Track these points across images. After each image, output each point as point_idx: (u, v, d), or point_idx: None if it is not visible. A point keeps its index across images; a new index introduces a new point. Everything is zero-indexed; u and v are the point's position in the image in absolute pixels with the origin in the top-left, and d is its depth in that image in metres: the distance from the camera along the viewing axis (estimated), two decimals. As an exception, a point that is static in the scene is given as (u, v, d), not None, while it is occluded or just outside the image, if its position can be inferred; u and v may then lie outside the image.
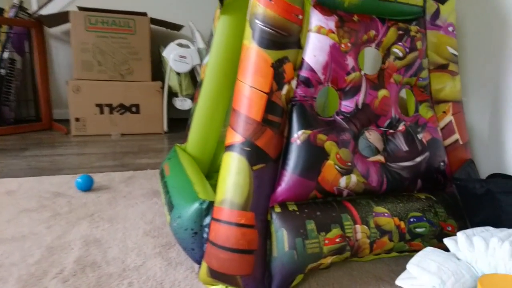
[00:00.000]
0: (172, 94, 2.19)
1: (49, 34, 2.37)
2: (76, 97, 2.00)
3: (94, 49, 2.06)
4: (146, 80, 2.14)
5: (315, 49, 0.73)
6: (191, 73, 2.18)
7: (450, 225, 0.77)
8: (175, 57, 2.08)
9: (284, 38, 0.71)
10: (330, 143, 0.72)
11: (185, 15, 2.44)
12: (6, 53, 2.09)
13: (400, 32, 0.82)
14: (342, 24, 0.75)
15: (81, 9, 2.05)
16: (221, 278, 0.67)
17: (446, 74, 0.88)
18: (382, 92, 0.79)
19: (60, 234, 0.92)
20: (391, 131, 0.80)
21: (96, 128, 2.04)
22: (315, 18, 0.74)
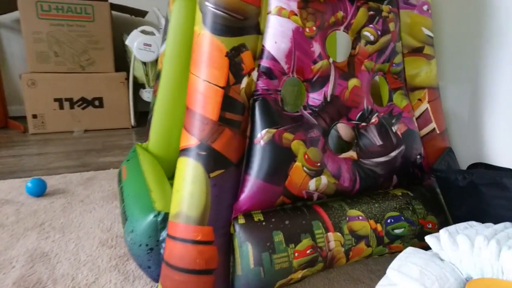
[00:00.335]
0: (139, 86, 2.06)
1: (-1, 23, 2.18)
2: (31, 91, 1.84)
3: (49, 39, 1.89)
4: (109, 71, 1.99)
5: (276, 35, 0.65)
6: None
7: (430, 222, 0.72)
8: (139, 46, 1.94)
9: (240, 22, 0.62)
10: (297, 143, 0.64)
11: (149, 0, 2.29)
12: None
13: (371, 12, 0.74)
14: (305, 4, 0.66)
15: (31, -5, 1.87)
16: (179, 301, 0.59)
17: (421, 58, 0.82)
18: (353, 82, 0.72)
19: (1, 249, 0.81)
20: (363, 124, 0.73)
21: (56, 125, 1.90)
22: (275, -1, 0.65)
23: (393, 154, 0.72)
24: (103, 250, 0.81)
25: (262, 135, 0.63)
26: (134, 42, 1.93)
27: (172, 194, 0.63)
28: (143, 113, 2.22)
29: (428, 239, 0.59)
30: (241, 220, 0.61)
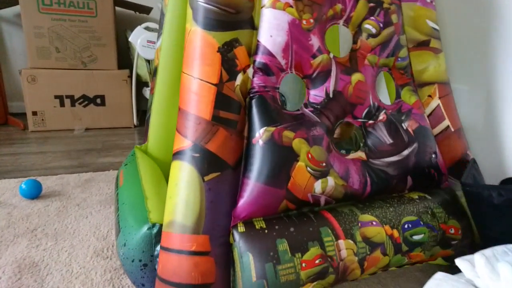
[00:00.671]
0: (142, 84, 2.02)
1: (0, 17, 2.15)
2: (32, 88, 1.82)
3: (50, 34, 1.86)
4: (111, 69, 1.95)
5: (271, 28, 0.60)
6: (160, 59, 2.01)
7: (453, 227, 0.66)
8: (143, 42, 1.89)
9: (232, 16, 0.58)
10: (299, 141, 0.59)
11: (153, -4, 2.24)
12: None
13: (371, 4, 0.69)
14: (303, -5, 0.61)
15: (31, -11, 1.84)
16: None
17: (428, 52, 0.76)
18: (356, 76, 0.67)
19: (-11, 258, 0.78)
20: (370, 122, 0.68)
21: (56, 122, 1.87)
22: (270, -10, 0.60)
23: (405, 152, 0.67)
24: (98, 261, 0.77)
25: (260, 134, 0.58)
26: (138, 39, 1.89)
27: (166, 201, 0.59)
28: (145, 112, 2.18)
29: (460, 263, 0.53)
30: (241, 228, 0.57)
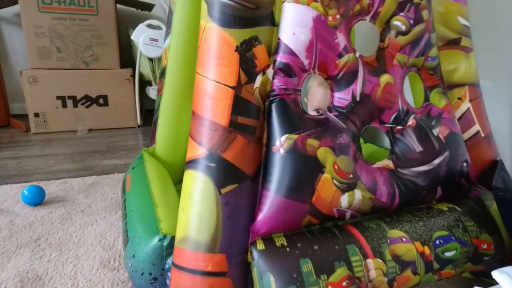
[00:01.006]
0: (145, 83, 1.97)
1: (0, 17, 2.11)
2: (33, 89, 1.77)
3: (51, 34, 1.81)
4: (114, 68, 1.91)
5: (294, 25, 0.55)
6: (164, 58, 1.96)
7: (485, 242, 0.61)
8: (146, 41, 1.84)
9: (251, 12, 0.53)
10: (324, 150, 0.54)
11: (155, -7, 2.19)
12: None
13: (402, -1, 0.63)
14: (330, -11, 0.56)
15: (31, -13, 1.79)
16: None
17: (459, 51, 0.71)
18: (385, 78, 0.61)
19: (-10, 272, 0.74)
20: (399, 127, 0.63)
21: (59, 124, 1.82)
22: (294, -17, 0.55)
23: (436, 161, 0.62)
24: (104, 273, 0.73)
25: (281, 142, 0.53)
26: (140, 37, 1.83)
27: (178, 214, 0.54)
28: (149, 112, 2.13)
29: (498, 276, 0.48)
30: (260, 246, 0.51)
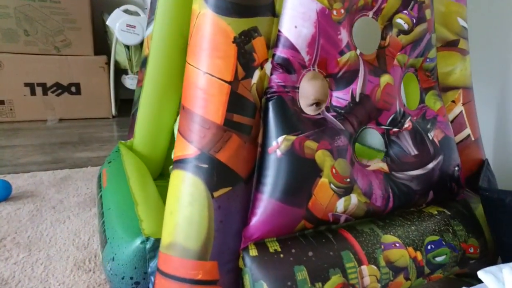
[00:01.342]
0: (121, 71, 1.88)
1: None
2: (-3, 74, 1.65)
3: (17, 15, 1.68)
4: (87, 54, 1.80)
5: (297, 17, 0.51)
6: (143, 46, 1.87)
7: (472, 246, 0.61)
8: (122, 27, 1.75)
9: (252, 0, 0.49)
10: (322, 153, 0.52)
11: (132, -24, 2.09)
12: None
13: (406, -4, 0.61)
14: (333, -18, 0.53)
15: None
16: None
17: (456, 53, 0.70)
18: (385, 78, 0.59)
19: (-50, 276, 0.67)
20: (395, 129, 0.61)
21: (26, 112, 1.71)
22: (297, -28, 0.51)
23: (430, 166, 0.61)
24: (79, 276, 0.67)
25: (278, 143, 0.50)
26: (116, 22, 1.74)
27: (164, 216, 0.50)
28: (124, 102, 2.04)
29: (484, 276, 0.48)
30: (253, 252, 0.48)
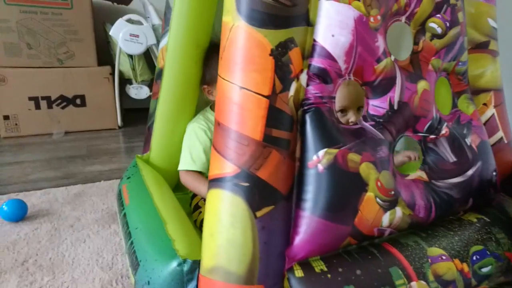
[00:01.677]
0: (125, 81, 1.86)
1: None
2: (1, 89, 1.62)
3: (19, 29, 1.66)
4: (91, 66, 1.78)
5: (333, 26, 0.49)
6: (146, 55, 1.85)
7: (516, 255, 0.59)
8: (125, 36, 1.73)
9: (287, 9, 0.47)
10: (366, 166, 0.50)
11: (133, -14, 2.07)
12: None
13: (438, -1, 0.60)
14: (369, -13, 0.51)
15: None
16: None
17: (487, 55, 0.69)
18: (422, 85, 0.57)
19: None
20: (432, 136, 0.59)
21: (32, 126, 1.68)
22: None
23: (470, 172, 0.59)
24: (107, 298, 0.65)
25: (319, 158, 0.48)
26: (119, 32, 1.72)
27: (202, 239, 0.48)
28: (129, 111, 2.02)
29: None
30: (299, 272, 0.46)
